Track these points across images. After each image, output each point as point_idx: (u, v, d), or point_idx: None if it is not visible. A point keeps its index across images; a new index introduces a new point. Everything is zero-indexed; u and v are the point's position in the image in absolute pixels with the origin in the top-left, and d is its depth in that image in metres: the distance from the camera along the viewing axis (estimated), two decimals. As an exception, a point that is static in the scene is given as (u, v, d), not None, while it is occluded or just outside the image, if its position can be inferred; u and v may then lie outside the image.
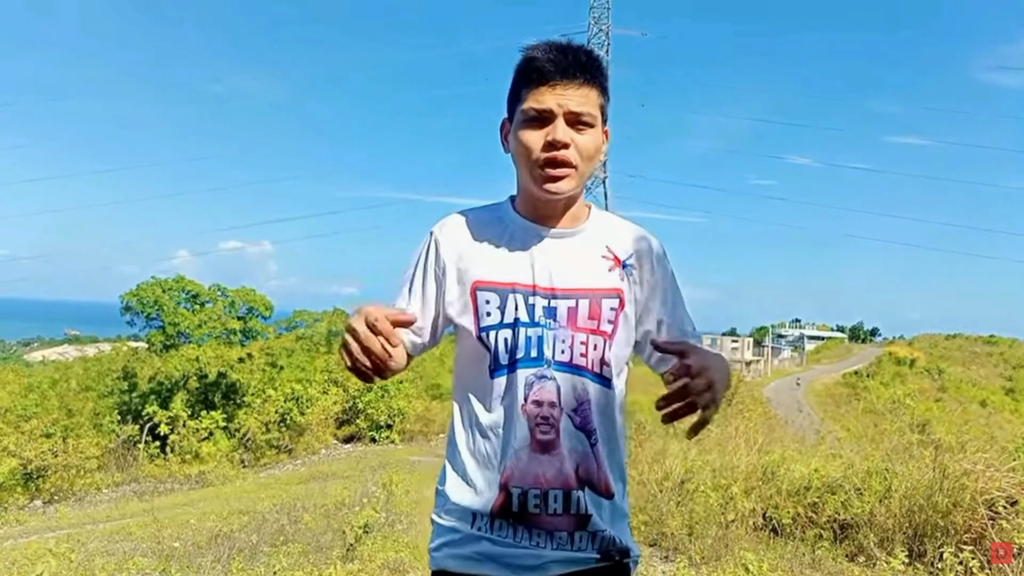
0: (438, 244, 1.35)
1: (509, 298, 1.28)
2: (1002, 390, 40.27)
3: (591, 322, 1.28)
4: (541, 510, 1.24)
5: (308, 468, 14.25)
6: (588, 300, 1.28)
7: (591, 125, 1.27)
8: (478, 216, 1.39)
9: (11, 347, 49.46)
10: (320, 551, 4.89)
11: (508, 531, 1.25)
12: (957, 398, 29.35)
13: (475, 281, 1.31)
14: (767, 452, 5.98)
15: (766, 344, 61.23)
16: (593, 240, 1.35)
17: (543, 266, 1.30)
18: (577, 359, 1.27)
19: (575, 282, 1.29)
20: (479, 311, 1.29)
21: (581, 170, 1.28)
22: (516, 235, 1.34)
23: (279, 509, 7.36)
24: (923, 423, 8.25)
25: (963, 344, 61.27)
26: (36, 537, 7.88)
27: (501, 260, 1.32)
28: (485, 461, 1.29)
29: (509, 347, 1.27)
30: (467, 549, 1.27)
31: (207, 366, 16.02)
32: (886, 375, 39.85)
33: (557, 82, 1.24)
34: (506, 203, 1.41)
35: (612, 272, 1.33)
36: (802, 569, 4.29)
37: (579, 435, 1.26)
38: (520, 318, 1.27)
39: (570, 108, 1.24)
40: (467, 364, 1.34)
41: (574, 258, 1.32)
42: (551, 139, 1.24)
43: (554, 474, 1.25)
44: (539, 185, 1.27)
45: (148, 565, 4.72)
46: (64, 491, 12.16)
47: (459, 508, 1.29)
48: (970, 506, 4.19)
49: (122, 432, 14.81)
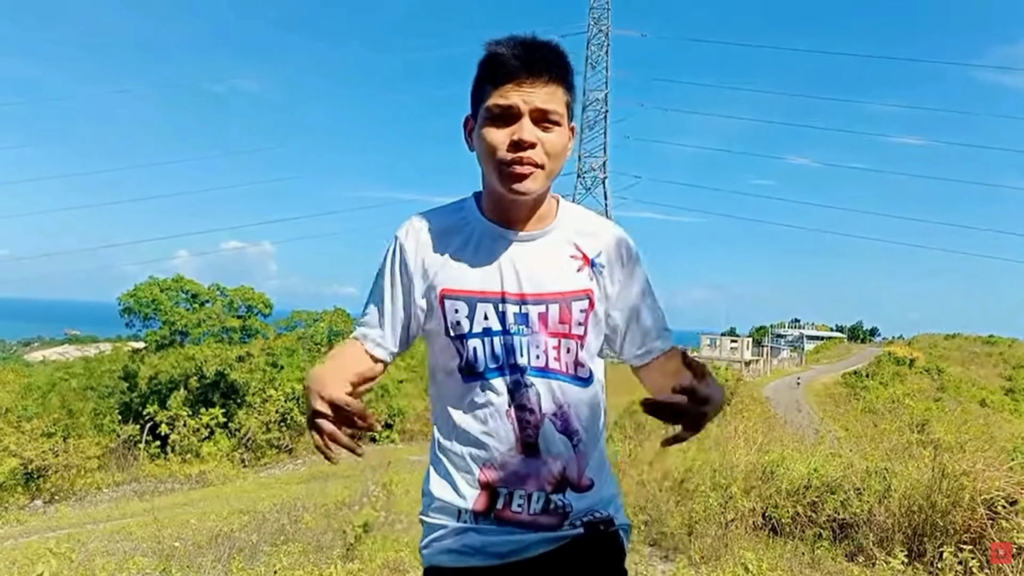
0: (403, 251, 1.33)
1: (478, 307, 1.27)
2: (1001, 390, 40.25)
3: (562, 326, 1.27)
4: (523, 510, 1.26)
5: (308, 468, 14.26)
6: (558, 304, 1.27)
7: (558, 123, 1.24)
8: (443, 218, 1.36)
9: (11, 347, 49.44)
10: (320, 551, 4.90)
11: (492, 523, 1.26)
12: (956, 398, 29.35)
13: (443, 289, 1.29)
14: (766, 451, 5.99)
15: (765, 344, 61.20)
16: (561, 240, 1.33)
17: (511, 272, 1.27)
18: (552, 363, 1.26)
19: (545, 286, 1.27)
20: (448, 320, 1.28)
21: (548, 169, 1.24)
22: (483, 240, 1.31)
23: (279, 509, 7.37)
24: (922, 423, 8.25)
25: (962, 344, 61.21)
26: (37, 537, 7.88)
27: (468, 267, 1.29)
28: (464, 461, 1.29)
29: (482, 355, 1.26)
30: (454, 542, 1.27)
31: (206, 365, 16.01)
32: (885, 375, 39.83)
33: (523, 79, 1.20)
34: (470, 202, 1.37)
35: (581, 272, 1.31)
36: (801, 569, 4.30)
37: (562, 439, 1.26)
38: (491, 327, 1.26)
39: (536, 105, 1.20)
40: (440, 371, 1.33)
41: (542, 261, 1.29)
42: (517, 138, 1.20)
43: (536, 478, 1.25)
44: (505, 186, 1.23)
45: (148, 565, 4.72)
46: (65, 491, 12.16)
47: (444, 505, 1.30)
48: (969, 506, 4.20)
49: (122, 432, 14.81)
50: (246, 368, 16.23)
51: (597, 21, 41.08)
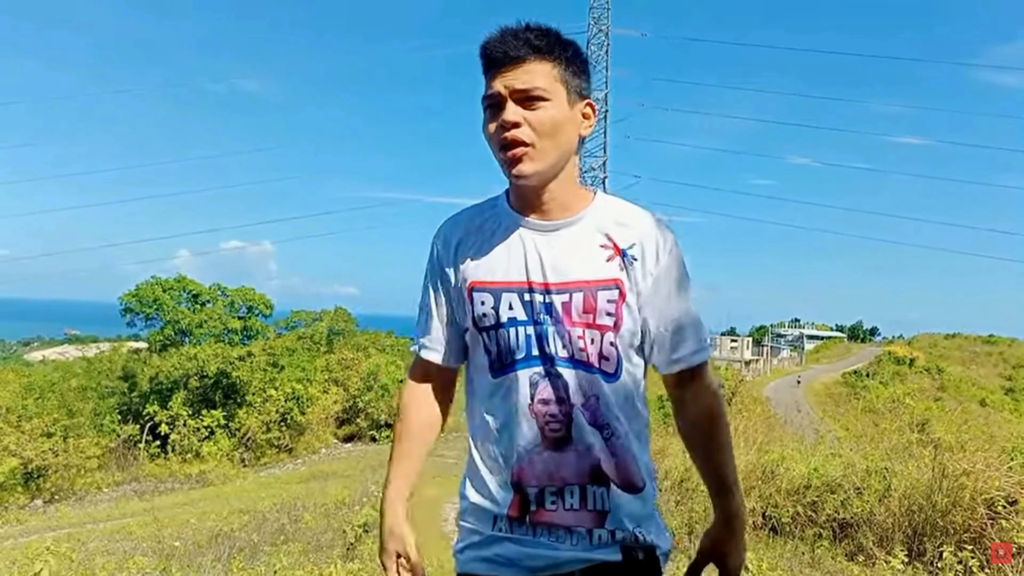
0: (439, 254, 1.35)
1: (503, 297, 1.26)
2: (1001, 390, 40.20)
3: (586, 316, 1.23)
4: (558, 507, 1.23)
5: (308, 467, 14.25)
6: (583, 293, 1.24)
7: (545, 99, 1.20)
8: (472, 215, 1.37)
9: (11, 347, 49.44)
10: (320, 550, 4.90)
11: (528, 530, 1.25)
12: (956, 398, 29.36)
13: (471, 282, 1.29)
14: (766, 451, 5.99)
15: (765, 343, 61.15)
16: (591, 229, 1.28)
17: (535, 261, 1.26)
18: (577, 354, 1.23)
19: (568, 275, 1.24)
20: (475, 312, 1.28)
21: (540, 147, 1.21)
22: (508, 231, 1.30)
23: (279, 508, 7.37)
24: (922, 422, 8.24)
25: (962, 344, 61.17)
26: (37, 536, 7.88)
27: (494, 259, 1.29)
28: (496, 463, 1.28)
29: (506, 347, 1.25)
30: (488, 551, 1.27)
31: (207, 365, 16.00)
32: (885, 375, 39.82)
33: (503, 65, 1.20)
34: (502, 197, 1.37)
35: (611, 262, 1.26)
36: (801, 568, 4.30)
37: (592, 430, 1.24)
38: (516, 316, 1.25)
39: (515, 87, 1.19)
40: (473, 367, 1.34)
41: (567, 250, 1.26)
42: (500, 121, 1.20)
43: (569, 471, 1.23)
44: (506, 171, 1.24)
45: (148, 564, 4.72)
46: (65, 490, 12.16)
47: (479, 510, 1.29)
48: (969, 505, 4.20)
49: (123, 432, 14.80)
50: (246, 368, 16.22)
51: (597, 21, 41.07)
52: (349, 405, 18.08)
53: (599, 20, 41.59)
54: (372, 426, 17.47)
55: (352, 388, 18.19)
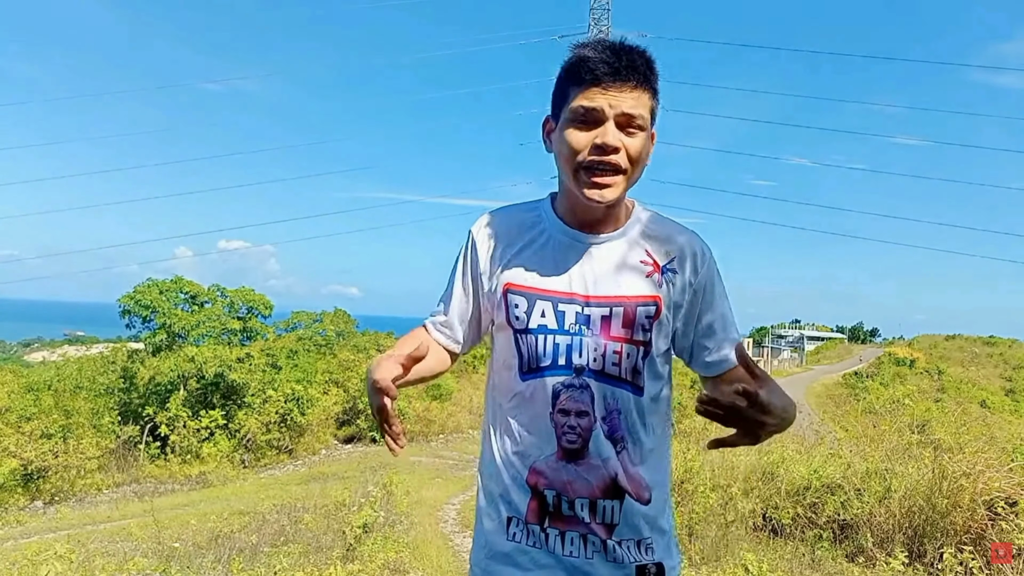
0: (475, 244, 1.35)
1: (537, 303, 1.26)
2: (1002, 391, 40.17)
3: (625, 331, 1.24)
4: (572, 516, 1.24)
5: (308, 468, 14.25)
6: (623, 308, 1.25)
7: (642, 128, 1.22)
8: (516, 215, 1.37)
9: (11, 347, 49.45)
10: (320, 551, 4.90)
11: (540, 538, 1.25)
12: (957, 399, 29.31)
13: (506, 283, 1.29)
14: (767, 452, 5.98)
15: (766, 345, 61.15)
16: (631, 244, 1.30)
17: (578, 273, 1.27)
18: (609, 368, 1.24)
19: (610, 290, 1.26)
20: (508, 314, 1.28)
21: (629, 175, 1.22)
22: (552, 238, 1.31)
23: (279, 509, 7.37)
24: (922, 424, 8.25)
25: (963, 345, 61.17)
26: (37, 538, 7.88)
27: (534, 264, 1.29)
28: (512, 461, 1.28)
29: (535, 353, 1.26)
30: (501, 562, 1.27)
31: (205, 366, 15.99)
32: (886, 376, 39.79)
33: (610, 83, 1.18)
34: (546, 201, 1.37)
35: (650, 278, 1.28)
36: (802, 569, 4.30)
37: (607, 443, 1.24)
38: (547, 324, 1.25)
39: (623, 110, 1.18)
40: (498, 367, 1.34)
41: (610, 265, 1.28)
42: (601, 142, 1.18)
43: (581, 483, 1.23)
44: (582, 190, 1.22)
45: (148, 565, 4.71)
46: (64, 492, 12.14)
47: (495, 510, 1.30)
48: (969, 507, 4.20)
49: (122, 433, 14.79)
50: (246, 369, 16.21)
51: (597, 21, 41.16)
52: (349, 406, 18.07)
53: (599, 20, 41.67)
54: (372, 427, 17.45)
55: (352, 389, 18.18)
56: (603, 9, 41.75)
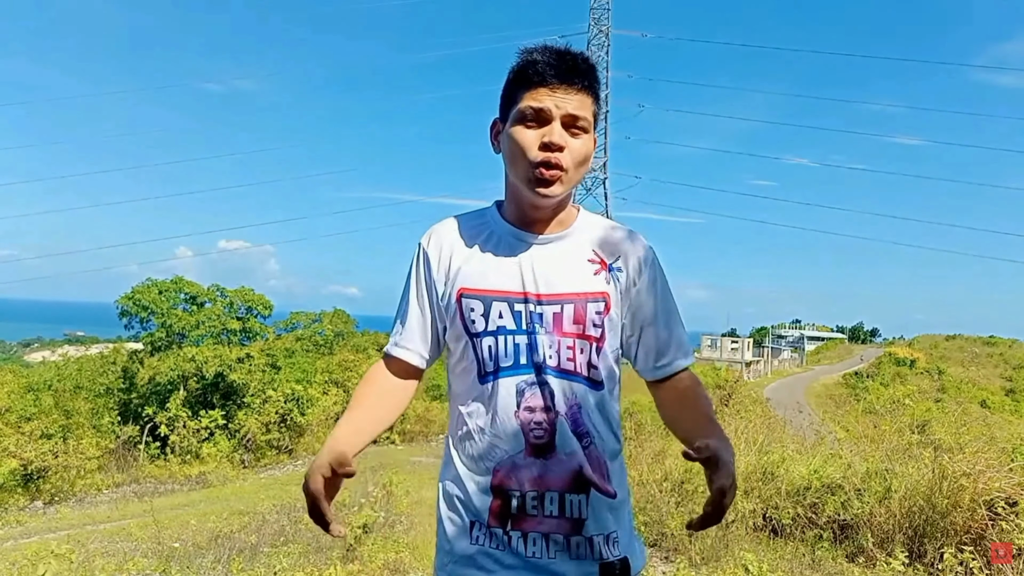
0: (426, 255, 1.37)
1: (493, 305, 1.28)
2: (1002, 390, 40.18)
3: (577, 326, 1.28)
4: (539, 513, 1.25)
5: (308, 469, 14.25)
6: (573, 304, 1.28)
7: (585, 131, 1.27)
8: (463, 223, 1.40)
9: (11, 348, 49.49)
10: (320, 551, 4.90)
11: (503, 540, 1.25)
12: (957, 399, 29.32)
13: (460, 288, 1.31)
14: (767, 452, 5.98)
15: (766, 345, 61.24)
16: (579, 244, 1.35)
17: (529, 272, 1.29)
18: (565, 364, 1.27)
19: (560, 287, 1.29)
20: (464, 318, 1.30)
21: (571, 175, 1.27)
22: (502, 241, 1.34)
23: (279, 510, 7.37)
24: (923, 424, 8.25)
25: (963, 345, 61.21)
26: (37, 538, 7.88)
27: (486, 267, 1.32)
28: (476, 465, 1.29)
29: (494, 354, 1.28)
30: (465, 564, 1.27)
31: (205, 366, 16.00)
32: (886, 376, 39.81)
33: (556, 85, 1.24)
34: (492, 209, 1.41)
35: (598, 276, 1.32)
36: (802, 570, 4.30)
37: (572, 438, 1.26)
38: (505, 325, 1.28)
39: (568, 111, 1.24)
40: (457, 371, 1.35)
41: (559, 263, 1.31)
42: (547, 140, 1.23)
43: (552, 477, 1.25)
44: (531, 188, 1.27)
45: (148, 565, 4.72)
46: (64, 492, 12.15)
47: (457, 515, 1.30)
48: (970, 507, 4.19)
49: (122, 433, 14.80)
50: (245, 369, 16.22)
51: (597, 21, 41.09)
52: (349, 406, 18.09)
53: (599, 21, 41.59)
54: (372, 427, 17.47)
55: (352, 389, 18.20)
56: (603, 9, 41.70)
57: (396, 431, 17.49)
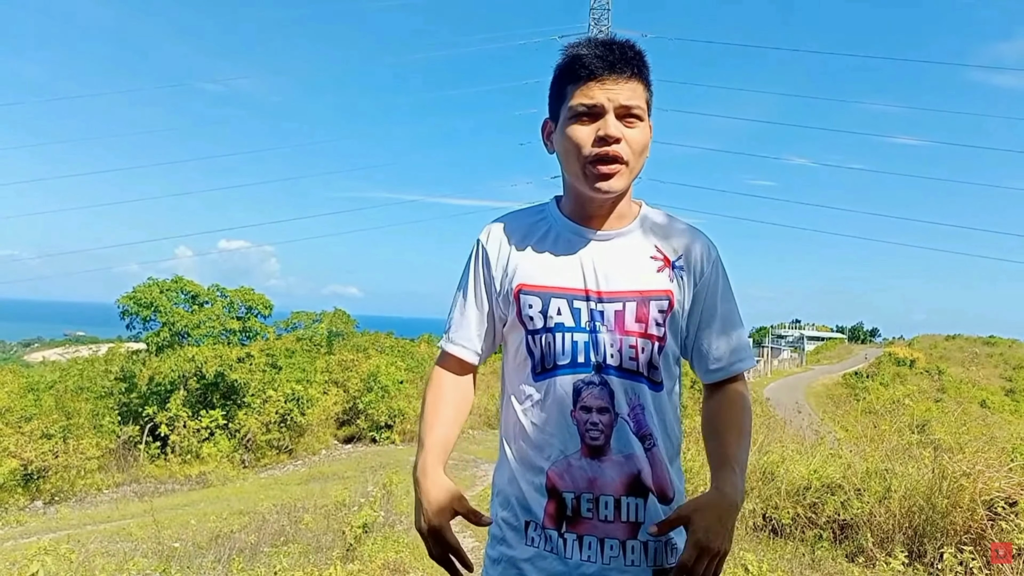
0: (485, 251, 1.35)
1: (552, 302, 1.26)
2: (1002, 391, 40.13)
3: (639, 325, 1.24)
4: (594, 516, 1.22)
5: (308, 468, 14.25)
6: (635, 303, 1.25)
7: (640, 119, 1.24)
8: (522, 219, 1.38)
9: (11, 347, 49.47)
10: (320, 551, 4.89)
11: (559, 542, 1.23)
12: (956, 399, 29.31)
13: (519, 285, 1.29)
14: (767, 452, 5.98)
15: (766, 345, 61.20)
16: (641, 240, 1.31)
17: (589, 269, 1.27)
18: (627, 363, 1.24)
19: (622, 284, 1.26)
20: (522, 315, 1.28)
21: (632, 166, 1.24)
22: (561, 237, 1.32)
23: (279, 509, 7.36)
24: (922, 423, 8.25)
25: (963, 345, 61.15)
26: (37, 538, 7.87)
27: (545, 263, 1.29)
28: (530, 464, 1.27)
29: (552, 352, 1.25)
30: (517, 567, 1.26)
31: (205, 366, 15.99)
32: (886, 376, 39.78)
33: (606, 77, 1.21)
34: (551, 204, 1.38)
35: (661, 273, 1.28)
36: (802, 569, 4.30)
37: (634, 440, 1.23)
38: (563, 322, 1.25)
39: (621, 102, 1.21)
40: (513, 368, 1.34)
41: (621, 260, 1.28)
42: (603, 134, 1.20)
43: (606, 480, 1.22)
44: (590, 184, 1.24)
45: (148, 565, 4.72)
46: (64, 492, 12.14)
47: (512, 515, 1.28)
48: (969, 507, 4.20)
49: (122, 433, 14.79)
50: (246, 369, 16.20)
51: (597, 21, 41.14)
52: (349, 406, 18.05)
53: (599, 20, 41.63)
54: (372, 427, 17.45)
55: (352, 389, 18.17)
56: (603, 9, 41.73)
57: (396, 431, 17.48)
